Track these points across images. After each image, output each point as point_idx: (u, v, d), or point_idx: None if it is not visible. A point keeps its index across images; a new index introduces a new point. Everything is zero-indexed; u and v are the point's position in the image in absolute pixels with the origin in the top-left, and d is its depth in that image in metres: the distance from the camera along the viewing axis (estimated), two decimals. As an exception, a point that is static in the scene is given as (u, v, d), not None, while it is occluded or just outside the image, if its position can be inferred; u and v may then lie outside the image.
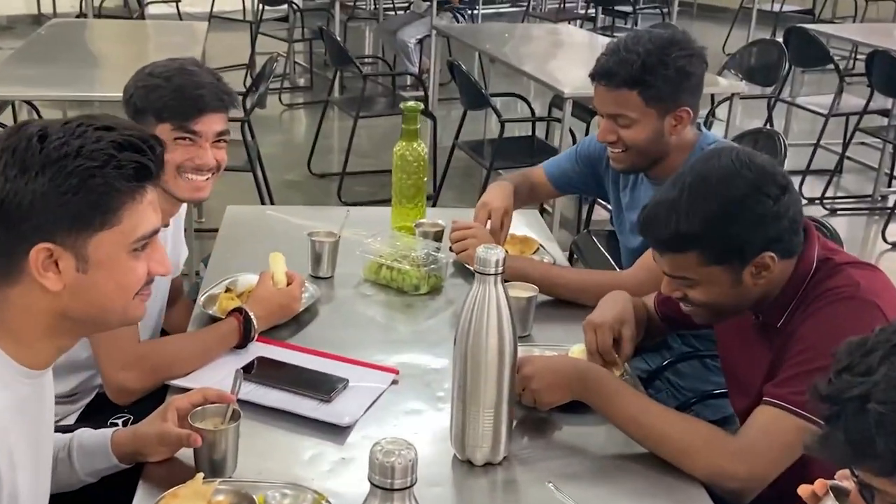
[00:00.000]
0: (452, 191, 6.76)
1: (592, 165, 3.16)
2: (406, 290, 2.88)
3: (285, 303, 2.59)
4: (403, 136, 3.20)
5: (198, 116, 2.38)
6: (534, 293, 2.61)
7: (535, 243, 3.18)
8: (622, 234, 3.15)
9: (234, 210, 3.49)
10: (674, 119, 2.71)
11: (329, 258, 2.95)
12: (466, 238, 2.86)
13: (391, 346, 2.60)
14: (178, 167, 2.39)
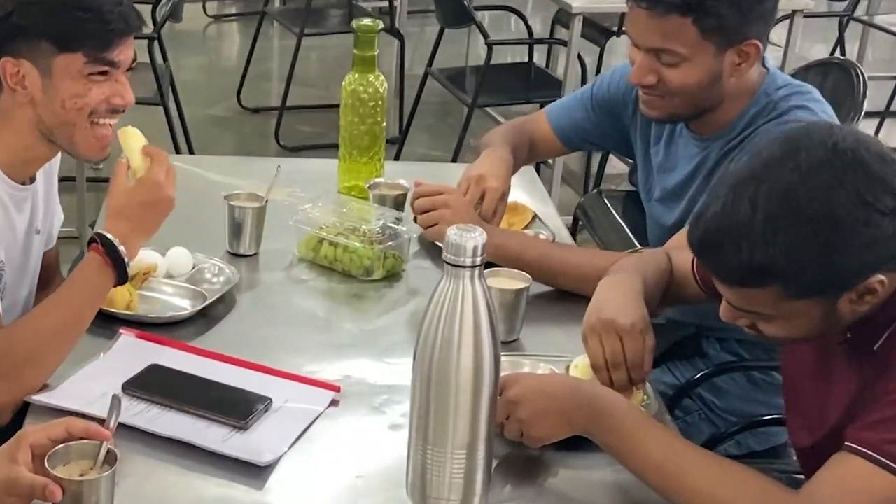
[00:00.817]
0: (423, 134, 6.58)
1: (614, 112, 2.99)
2: (354, 274, 2.72)
3: (151, 198, 2.32)
4: (356, 66, 3.05)
5: (117, 41, 2.24)
6: (525, 284, 2.45)
7: (529, 212, 3.02)
8: (649, 202, 2.99)
9: None
10: (737, 55, 2.54)
11: (252, 230, 2.79)
12: (436, 207, 2.70)
13: (331, 353, 2.45)
14: (92, 112, 2.26)
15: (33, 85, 2.19)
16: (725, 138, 2.65)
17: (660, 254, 2.46)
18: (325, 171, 3.19)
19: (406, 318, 2.60)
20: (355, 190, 3.08)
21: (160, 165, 2.32)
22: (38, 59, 2.18)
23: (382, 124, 3.09)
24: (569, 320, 2.51)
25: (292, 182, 2.99)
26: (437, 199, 2.70)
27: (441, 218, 2.66)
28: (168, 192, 2.32)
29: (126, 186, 2.30)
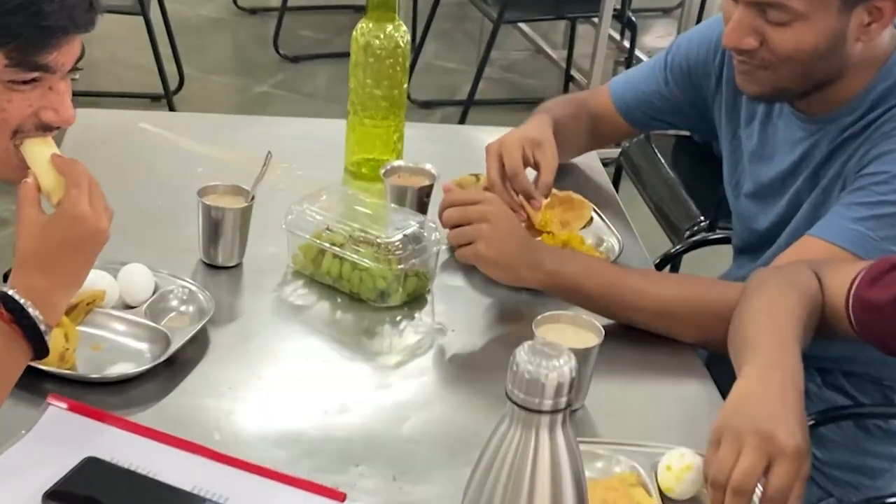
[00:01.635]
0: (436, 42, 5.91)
1: (693, 84, 2.41)
2: (365, 298, 2.11)
3: (73, 235, 1.67)
4: (371, 11, 2.42)
5: (55, 41, 1.61)
6: (596, 340, 1.83)
7: (587, 208, 2.40)
8: (738, 198, 2.39)
9: (87, 119, 2.63)
10: (867, 13, 1.97)
11: (234, 236, 2.17)
12: (471, 221, 2.05)
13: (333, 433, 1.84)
14: (16, 130, 1.66)
15: None
16: (841, 122, 2.09)
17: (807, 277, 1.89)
18: (330, 138, 2.58)
19: (432, 366, 2.02)
20: (366, 166, 2.50)
21: (78, 186, 1.66)
22: None
23: (403, 86, 2.46)
24: (649, 378, 2.00)
25: (289, 150, 2.47)
26: (471, 210, 2.06)
27: (478, 235, 2.03)
28: (96, 222, 1.66)
29: (38, 220, 1.65)
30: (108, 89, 5.27)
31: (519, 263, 2.02)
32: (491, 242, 2.00)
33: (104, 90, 5.26)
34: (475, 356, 2.01)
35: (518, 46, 5.98)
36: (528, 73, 5.85)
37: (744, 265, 2.35)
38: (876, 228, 1.94)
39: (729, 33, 2.01)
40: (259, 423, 1.83)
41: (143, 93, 5.18)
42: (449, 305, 2.14)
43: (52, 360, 1.80)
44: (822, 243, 1.97)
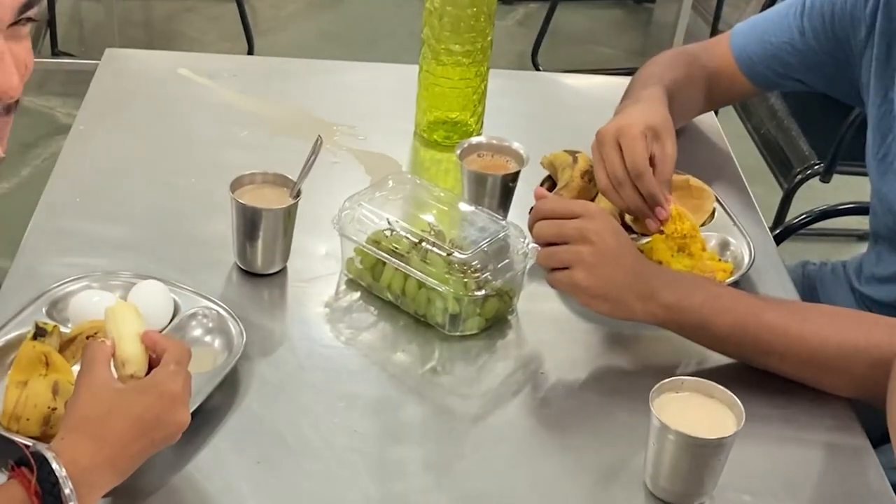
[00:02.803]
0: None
1: (837, 34, 1.94)
2: (433, 323, 1.68)
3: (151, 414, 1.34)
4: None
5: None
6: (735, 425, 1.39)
7: (709, 198, 1.92)
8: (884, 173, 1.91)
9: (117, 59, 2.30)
10: None
11: (274, 239, 1.74)
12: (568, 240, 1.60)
13: None
14: None
15: None
16: None
17: None
18: (403, 88, 2.14)
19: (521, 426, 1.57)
20: (440, 130, 2.09)
21: (180, 364, 1.39)
22: None
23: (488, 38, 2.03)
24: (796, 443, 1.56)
25: (353, 107, 2.13)
26: (570, 226, 1.60)
27: (577, 259, 1.59)
28: (182, 413, 1.37)
29: (112, 385, 1.36)
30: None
31: (628, 295, 1.59)
32: (593, 269, 1.57)
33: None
34: (577, 407, 1.59)
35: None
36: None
37: (885, 257, 1.94)
38: None
39: None
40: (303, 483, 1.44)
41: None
42: (539, 333, 1.72)
43: (31, 426, 1.43)
44: None
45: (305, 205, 1.73)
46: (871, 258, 1.99)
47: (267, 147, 1.95)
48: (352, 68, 2.37)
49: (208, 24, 4.62)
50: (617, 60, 4.53)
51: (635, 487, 1.45)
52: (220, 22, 4.59)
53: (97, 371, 1.35)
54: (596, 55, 4.60)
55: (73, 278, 1.63)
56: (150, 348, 1.40)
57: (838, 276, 2.09)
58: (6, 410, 1.42)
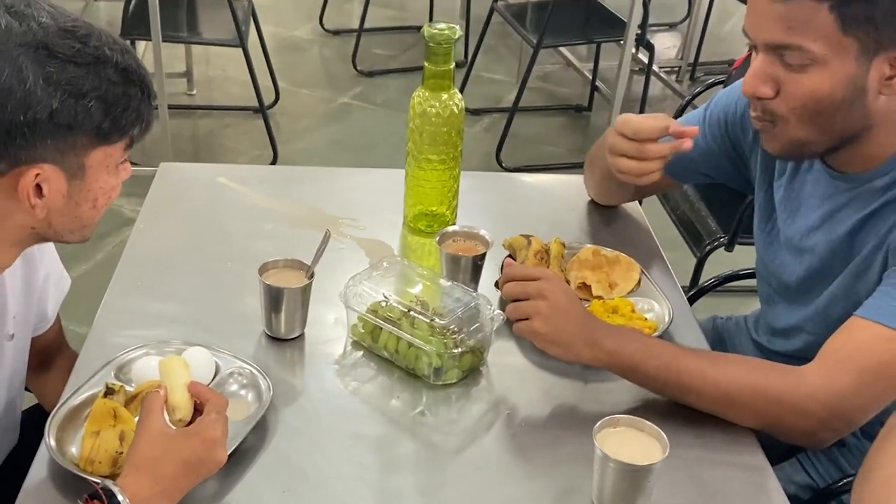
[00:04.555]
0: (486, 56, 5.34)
1: (731, 137, 1.86)
2: (420, 375, 1.61)
3: (195, 455, 1.31)
4: (427, 81, 1.87)
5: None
6: (661, 454, 1.34)
7: (636, 270, 1.85)
8: (769, 249, 1.83)
9: (169, 172, 2.20)
10: (889, 65, 1.46)
11: (294, 311, 1.67)
12: (529, 297, 1.55)
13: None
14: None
15: (54, 191, 1.29)
16: (876, 183, 1.58)
17: None
18: (393, 188, 2.06)
19: (491, 458, 1.50)
20: (423, 220, 2.00)
21: (220, 413, 1.35)
22: (68, 159, 1.27)
23: (458, 148, 1.93)
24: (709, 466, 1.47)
25: (355, 202, 2.06)
26: (529, 286, 1.56)
27: (535, 311, 1.54)
28: (220, 453, 1.34)
29: (164, 431, 1.32)
30: (219, 102, 4.90)
31: (577, 341, 1.53)
32: (548, 319, 1.52)
33: (216, 103, 4.89)
34: (536, 443, 1.52)
35: (551, 60, 5.51)
36: (559, 83, 5.37)
37: (773, 315, 1.86)
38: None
39: (747, 80, 1.52)
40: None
41: (246, 105, 4.70)
42: (505, 381, 1.64)
43: (103, 468, 1.37)
44: (877, 327, 1.47)
45: (318, 283, 1.66)
46: (762, 314, 1.92)
47: (287, 238, 1.89)
48: (354, 173, 2.30)
49: (242, 136, 4.56)
50: (562, 156, 4.46)
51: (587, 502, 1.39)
52: (251, 134, 4.53)
53: (153, 419, 1.31)
54: (546, 153, 4.54)
55: (134, 347, 1.58)
56: (195, 397, 1.36)
57: (741, 328, 2.02)
58: (83, 456, 1.37)
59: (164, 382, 1.36)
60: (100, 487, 1.22)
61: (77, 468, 1.36)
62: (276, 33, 5.56)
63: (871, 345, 1.47)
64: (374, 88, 5.11)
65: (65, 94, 1.22)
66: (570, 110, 5.02)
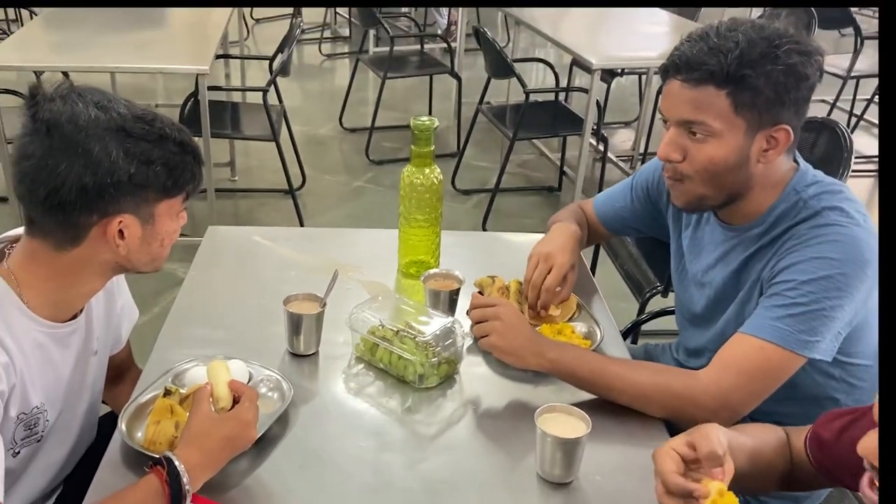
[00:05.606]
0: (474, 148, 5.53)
1: (652, 200, 2.02)
2: (408, 381, 1.73)
3: (234, 433, 1.43)
4: (414, 160, 2.04)
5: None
6: (586, 430, 1.46)
7: (573, 301, 1.98)
8: (681, 285, 1.98)
9: (216, 233, 2.32)
10: (766, 140, 1.60)
11: (311, 333, 1.80)
12: (488, 319, 1.70)
13: (381, 498, 1.46)
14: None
15: (132, 235, 1.42)
16: (752, 232, 1.71)
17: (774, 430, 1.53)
18: (391, 243, 2.18)
19: (461, 442, 1.61)
20: (413, 267, 2.12)
21: (252, 402, 1.47)
22: (142, 210, 1.42)
23: (439, 210, 2.08)
24: (625, 446, 1.58)
25: (360, 255, 2.14)
26: (488, 311, 1.71)
27: (492, 330, 1.69)
28: (252, 433, 1.46)
29: (209, 416, 1.43)
30: (256, 186, 5.02)
31: (525, 352, 1.67)
32: (503, 335, 1.66)
33: (253, 187, 5.01)
34: (494, 431, 1.63)
35: (528, 151, 5.64)
36: (534, 169, 5.47)
37: (687, 338, 1.99)
38: (792, 325, 1.57)
39: (661, 148, 1.65)
40: (320, 497, 1.46)
41: (278, 188, 4.84)
42: (473, 385, 1.75)
43: (162, 447, 1.48)
44: (752, 339, 1.60)
45: (329, 312, 1.77)
46: (682, 338, 2.02)
47: (306, 280, 1.97)
48: (360, 233, 2.39)
49: (275, 213, 4.66)
50: (536, 227, 4.43)
51: (531, 473, 1.49)
52: (282, 212, 4.63)
53: (202, 406, 1.42)
54: (523, 224, 4.62)
55: (186, 360, 1.68)
56: (234, 391, 1.47)
57: (666, 351, 2.11)
58: (147, 438, 1.48)
59: (210, 380, 1.49)
60: (162, 456, 1.36)
61: (142, 448, 1.48)
62: (304, 131, 5.72)
63: (748, 352, 1.58)
64: (383, 174, 5.23)
65: (139, 162, 1.37)
66: (543, 190, 5.12)
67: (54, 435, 1.56)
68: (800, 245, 1.62)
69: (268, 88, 4.16)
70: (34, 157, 1.34)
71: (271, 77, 4.24)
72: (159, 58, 3.96)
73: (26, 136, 1.35)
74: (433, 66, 5.78)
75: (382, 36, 6.72)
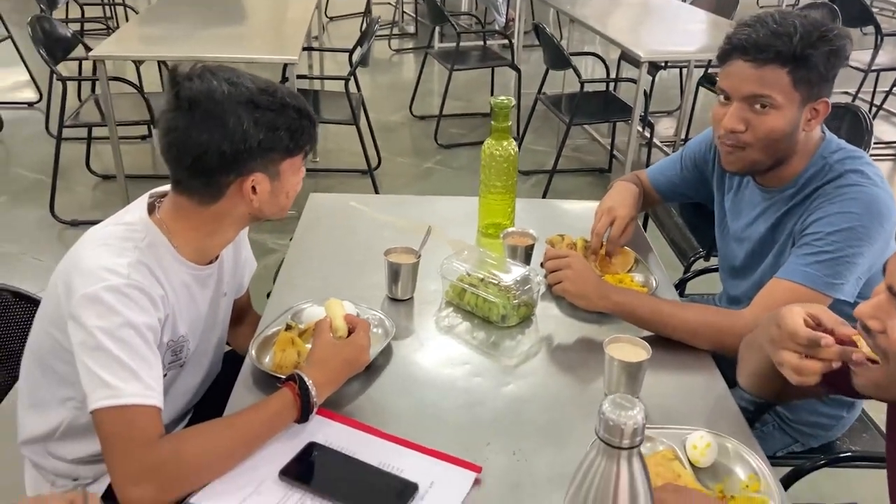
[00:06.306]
0: (533, 134, 5.63)
1: (699, 168, 2.12)
2: (492, 321, 1.85)
3: (351, 357, 1.56)
4: (493, 134, 2.14)
5: None
6: (646, 356, 1.57)
7: (632, 255, 2.09)
8: (723, 242, 2.08)
9: (316, 199, 2.45)
10: (810, 112, 1.71)
11: (407, 281, 1.93)
12: (560, 269, 1.83)
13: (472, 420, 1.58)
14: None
15: (263, 190, 1.51)
16: (786, 193, 1.82)
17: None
18: (469, 209, 2.31)
19: (538, 370, 1.72)
20: (491, 228, 2.22)
21: (366, 332, 1.59)
22: (270, 168, 1.51)
23: (514, 179, 2.19)
24: (678, 375, 1.69)
25: (444, 218, 2.20)
26: (561, 261, 1.85)
27: (565, 277, 1.83)
28: (366, 357, 1.59)
29: (331, 342, 1.55)
30: (336, 167, 5.12)
31: (593, 295, 1.79)
32: (574, 282, 1.80)
33: (333, 167, 5.11)
34: (567, 361, 1.75)
35: (581, 136, 5.71)
36: (587, 152, 5.54)
37: (729, 288, 2.08)
38: (820, 270, 1.68)
39: (727, 120, 1.73)
40: (421, 412, 1.58)
41: (356, 168, 4.97)
42: (548, 324, 1.87)
43: (287, 370, 1.61)
44: (786, 283, 1.71)
45: (423, 264, 1.90)
46: (725, 290, 2.11)
47: (399, 238, 2.02)
48: (442, 200, 2.49)
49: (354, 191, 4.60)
50: None
51: (598, 394, 1.59)
52: (360, 190, 4.69)
53: (324, 335, 1.54)
54: None
55: (303, 301, 1.81)
56: (349, 324, 1.58)
57: (710, 301, 2.22)
58: (274, 363, 1.61)
59: (328, 314, 1.61)
60: (295, 374, 1.49)
61: (271, 371, 1.62)
62: (377, 118, 5.82)
63: (782, 293, 1.69)
64: (450, 157, 5.33)
65: (266, 129, 1.47)
66: (595, 171, 5.18)
67: (192, 363, 1.69)
68: (826, 202, 1.72)
69: (349, 77, 4.29)
70: (178, 130, 1.46)
71: (352, 67, 4.37)
72: (249, 49, 4.09)
73: (170, 112, 1.47)
74: (494, 60, 5.87)
75: (447, 32, 6.84)
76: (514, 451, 1.46)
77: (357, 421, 1.51)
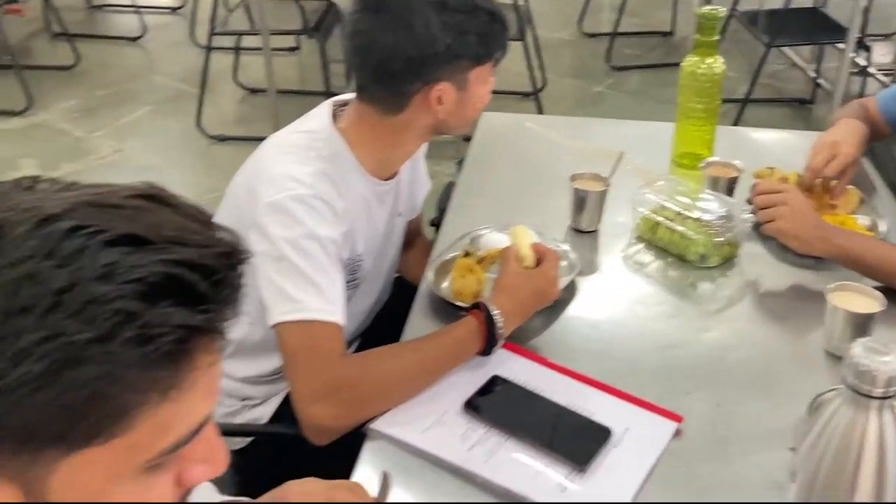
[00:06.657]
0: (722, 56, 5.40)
1: None
2: (689, 260, 1.84)
3: (540, 288, 1.59)
4: (697, 48, 2.11)
5: None
6: (879, 307, 1.52)
7: (856, 195, 2.02)
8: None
9: (489, 119, 2.46)
10: None
11: (594, 210, 1.94)
12: (775, 205, 1.76)
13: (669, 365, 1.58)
14: None
15: (449, 100, 1.55)
16: None
17: None
18: (656, 135, 2.29)
19: (744, 316, 1.71)
20: (686, 158, 2.19)
21: (555, 262, 1.62)
22: (457, 77, 1.55)
23: (717, 102, 2.16)
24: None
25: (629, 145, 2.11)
26: (776, 197, 1.77)
27: (779, 215, 1.75)
28: (556, 289, 1.62)
29: (519, 271, 1.59)
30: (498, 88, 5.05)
31: (812, 237, 1.73)
32: (790, 220, 1.73)
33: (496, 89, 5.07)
34: (777, 308, 1.72)
35: (778, 61, 5.47)
36: (785, 80, 5.33)
37: None
38: None
39: None
40: (611, 354, 1.60)
41: (517, 91, 4.93)
42: (753, 267, 1.84)
43: (467, 298, 1.66)
44: None
45: (610, 194, 1.90)
46: None
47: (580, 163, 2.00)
48: (627, 124, 2.46)
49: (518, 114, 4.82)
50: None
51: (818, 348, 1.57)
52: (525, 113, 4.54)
53: (511, 263, 1.58)
54: None
55: (482, 227, 1.83)
56: (536, 253, 1.61)
57: None
58: (454, 289, 1.66)
59: (514, 242, 1.64)
60: (480, 303, 1.53)
61: (450, 297, 1.67)
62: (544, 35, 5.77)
63: None
64: (623, 80, 5.25)
65: (455, 33, 1.51)
66: (794, 102, 5.01)
67: (365, 284, 1.75)
68: None
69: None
70: (364, 33, 1.52)
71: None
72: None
73: (357, 14, 1.53)
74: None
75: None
76: (718, 402, 1.46)
77: (543, 357, 1.54)
